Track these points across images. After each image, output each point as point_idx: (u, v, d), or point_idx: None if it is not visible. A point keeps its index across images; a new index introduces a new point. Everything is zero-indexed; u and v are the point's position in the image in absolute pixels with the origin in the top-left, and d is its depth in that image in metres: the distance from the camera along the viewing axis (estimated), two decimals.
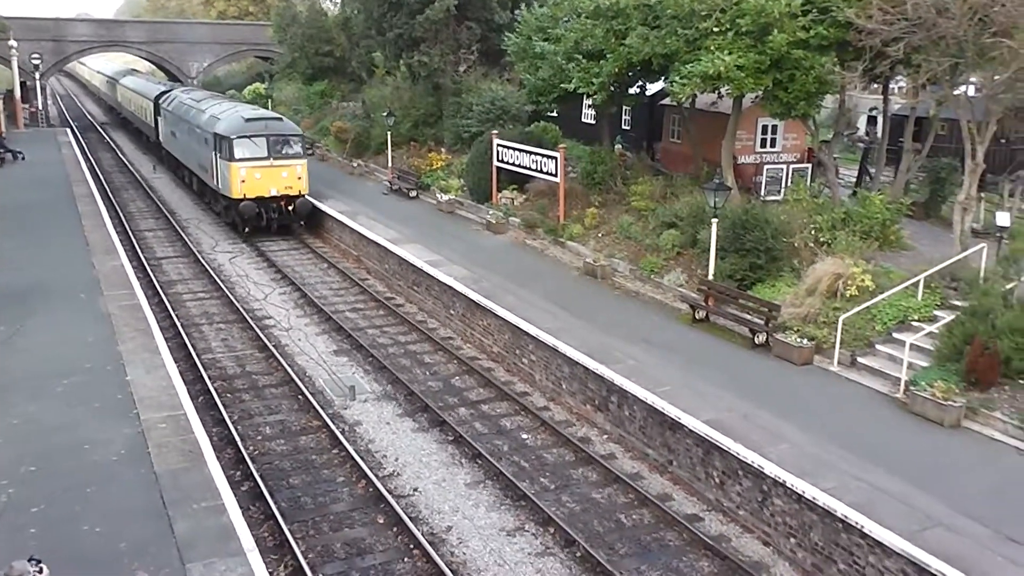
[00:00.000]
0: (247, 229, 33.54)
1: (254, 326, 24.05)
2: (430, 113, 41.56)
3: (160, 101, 47.06)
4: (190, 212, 39.05)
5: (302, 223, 34.60)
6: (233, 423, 18.24)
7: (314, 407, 19.17)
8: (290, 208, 33.46)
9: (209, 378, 20.52)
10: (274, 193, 33.12)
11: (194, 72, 67.69)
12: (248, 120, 33.56)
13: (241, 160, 32.47)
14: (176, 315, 24.85)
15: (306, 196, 33.67)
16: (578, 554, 14.12)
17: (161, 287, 27.44)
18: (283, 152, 33.23)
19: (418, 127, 41.76)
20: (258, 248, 32.81)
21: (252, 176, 32.60)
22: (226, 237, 34.43)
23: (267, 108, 49.31)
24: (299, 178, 33.36)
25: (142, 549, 11.78)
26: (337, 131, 46.21)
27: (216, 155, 33.93)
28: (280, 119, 35.33)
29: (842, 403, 17.36)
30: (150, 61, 72.87)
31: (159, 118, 47.37)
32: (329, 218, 34.10)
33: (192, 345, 22.57)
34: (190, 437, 15.07)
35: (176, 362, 19.30)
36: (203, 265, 30.17)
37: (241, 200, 32.69)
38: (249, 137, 32.67)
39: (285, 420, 18.91)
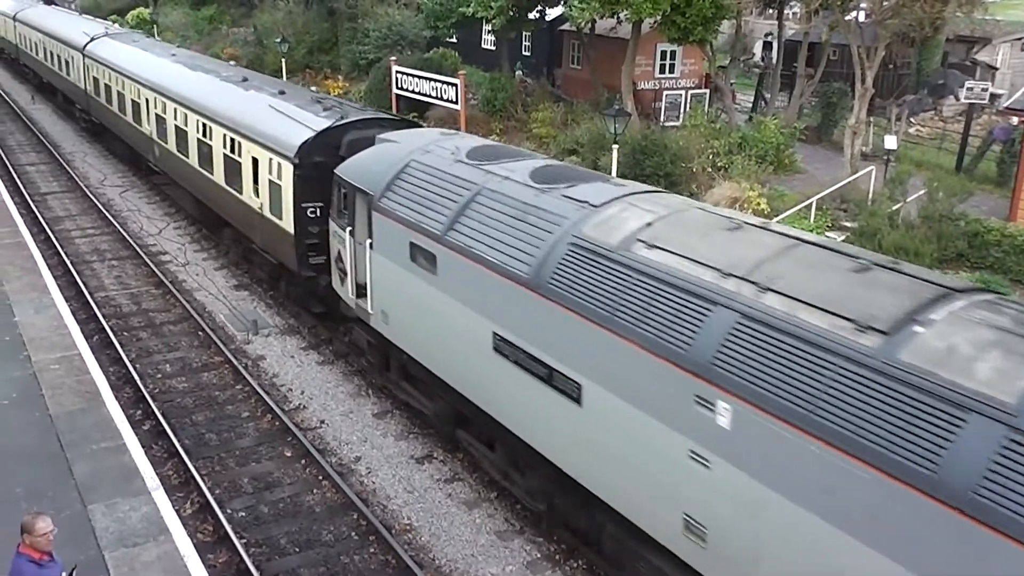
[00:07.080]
0: None
1: (149, 262, 23.32)
2: (325, 39, 40.46)
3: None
4: (74, 145, 37.28)
5: None
6: (131, 362, 17.77)
7: (215, 343, 18.82)
8: None
9: (103, 316, 19.90)
10: None
11: None
12: None
13: None
14: (65, 252, 23.90)
15: None
16: (487, 479, 14.36)
17: (48, 224, 26.29)
18: None
19: (313, 54, 40.66)
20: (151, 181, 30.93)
21: None
22: (115, 171, 33.02)
23: (152, 36, 47.00)
24: None
25: (40, 493, 11.46)
26: (228, 58, 44.64)
27: None
28: None
29: None
30: None
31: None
32: None
33: (83, 283, 21.79)
34: (86, 377, 14.64)
35: (67, 301, 18.64)
36: (92, 200, 28.95)
37: None
38: None
39: (185, 357, 18.51)
